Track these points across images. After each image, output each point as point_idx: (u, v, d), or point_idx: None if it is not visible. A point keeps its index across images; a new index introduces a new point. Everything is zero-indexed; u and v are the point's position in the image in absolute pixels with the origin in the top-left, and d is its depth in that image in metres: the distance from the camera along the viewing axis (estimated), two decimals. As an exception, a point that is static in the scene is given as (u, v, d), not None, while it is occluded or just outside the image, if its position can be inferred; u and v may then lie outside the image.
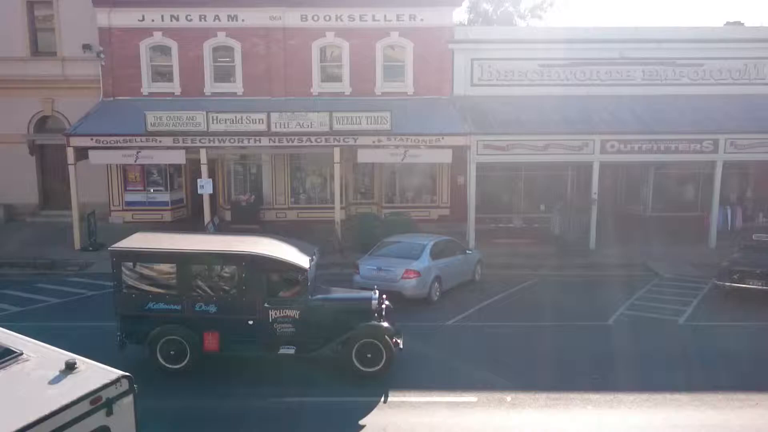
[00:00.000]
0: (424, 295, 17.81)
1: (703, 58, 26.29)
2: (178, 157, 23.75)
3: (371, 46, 26.53)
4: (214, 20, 26.33)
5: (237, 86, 26.81)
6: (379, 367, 12.85)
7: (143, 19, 26.36)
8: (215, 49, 26.75)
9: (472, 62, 26.40)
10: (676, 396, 12.24)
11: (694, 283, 20.14)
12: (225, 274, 13.15)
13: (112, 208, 27.47)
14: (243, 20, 26.34)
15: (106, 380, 6.22)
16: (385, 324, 13.18)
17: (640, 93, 25.99)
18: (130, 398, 6.37)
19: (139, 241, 13.82)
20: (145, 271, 13.13)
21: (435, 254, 18.58)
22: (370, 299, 13.42)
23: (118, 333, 13.21)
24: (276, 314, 12.91)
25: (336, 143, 23.20)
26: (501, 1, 45.54)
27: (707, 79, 26.36)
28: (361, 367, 12.88)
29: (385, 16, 26.34)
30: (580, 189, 26.42)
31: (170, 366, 12.95)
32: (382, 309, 13.51)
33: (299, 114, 23.11)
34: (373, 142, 23.18)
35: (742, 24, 28.61)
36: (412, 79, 26.74)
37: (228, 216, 27.07)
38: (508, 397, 12.14)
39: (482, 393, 12.24)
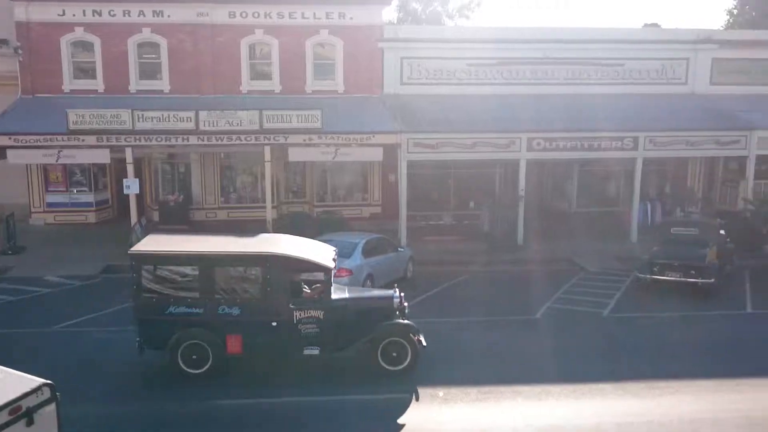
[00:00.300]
0: (357, 294, 17.83)
1: (623, 59, 27.22)
2: (103, 157, 23.06)
3: (301, 44, 26.39)
4: (138, 16, 25.67)
5: (164, 84, 26.23)
6: (404, 366, 12.91)
7: (63, 14, 25.46)
8: (140, 46, 26.10)
9: (402, 61, 26.60)
10: (601, 386, 12.66)
11: (618, 277, 20.85)
12: (249, 276, 12.90)
13: (33, 209, 26.49)
14: (169, 16, 25.77)
15: (26, 389, 6.03)
16: (410, 322, 13.30)
17: (564, 92, 26.72)
18: (52, 407, 6.20)
19: (156, 243, 13.40)
20: (166, 275, 12.75)
21: (367, 252, 18.66)
22: (392, 297, 13.47)
23: (137, 338, 12.83)
24: (301, 315, 12.75)
25: (266, 142, 22.98)
26: (430, 1, 46.02)
27: (627, 79, 27.31)
28: (387, 366, 12.90)
29: (314, 14, 26.24)
30: (508, 186, 26.98)
31: (192, 371, 12.63)
32: (403, 307, 13.51)
33: (228, 112, 22.78)
34: (304, 140, 23.07)
35: (659, 26, 29.74)
36: (343, 77, 26.74)
37: (156, 216, 26.47)
38: (441, 392, 12.30)
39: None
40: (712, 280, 18.54)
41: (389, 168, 25.76)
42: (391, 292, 13.73)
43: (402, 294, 13.72)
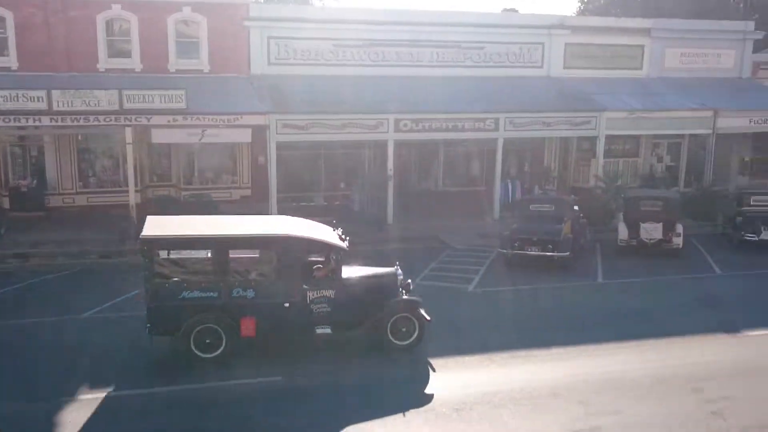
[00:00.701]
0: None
1: (484, 42, 28.14)
2: (-57, 139, 21.27)
3: (162, 21, 25.29)
4: (-21, -14, 23.69)
5: (11, 60, 24.35)
6: (412, 340, 13.36)
7: None
8: (-18, 19, 24.11)
9: (269, 40, 26.19)
10: (467, 358, 13.27)
11: (482, 253, 21.78)
12: (264, 258, 13.08)
13: None
14: (15, -13, 23.96)
15: None
16: (416, 297, 13.81)
17: (429, 74, 27.30)
18: None
19: (164, 227, 13.01)
20: (180, 259, 12.75)
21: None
22: (395, 274, 13.92)
23: (148, 324, 12.51)
24: (313, 295, 12.96)
25: (127, 122, 21.99)
26: (297, -21, 45.39)
27: (488, 62, 28.28)
28: (396, 341, 13.30)
29: (175, -11, 25.26)
30: (378, 166, 27.35)
31: (205, 355, 12.54)
32: (408, 284, 14.01)
33: (85, 92, 21.59)
34: (168, 121, 22.28)
35: (517, 11, 30.97)
36: (208, 56, 25.93)
37: (6, 203, 24.70)
38: (314, 375, 12.42)
39: (287, 372, 12.46)
40: (567, 253, 19.79)
41: (259, 149, 25.39)
42: (393, 269, 14.10)
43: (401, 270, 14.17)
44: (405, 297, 13.67)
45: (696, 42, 30.40)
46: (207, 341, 12.54)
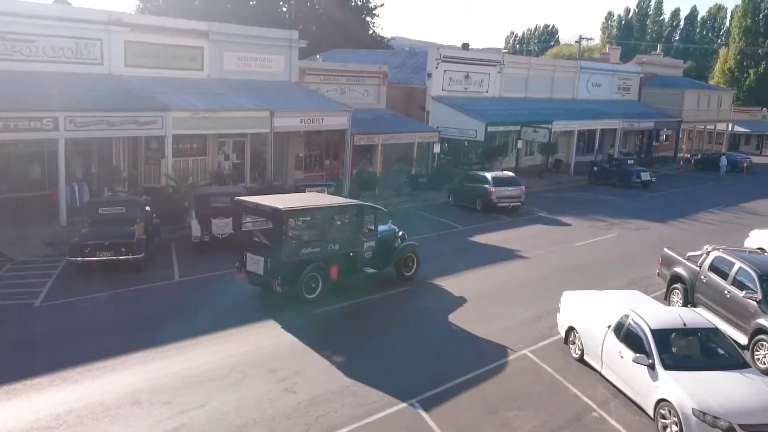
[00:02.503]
0: None
1: (35, 35, 25.78)
2: None
3: None
4: None
5: None
6: (413, 272, 19.44)
7: None
8: None
9: None
10: (37, 380, 12.28)
11: (49, 263, 20.14)
12: (345, 219, 17.88)
13: None
14: None
15: None
16: (415, 243, 19.71)
17: (-30, 67, 24.08)
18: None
19: (284, 201, 17.27)
20: (300, 224, 17.03)
21: None
22: (395, 229, 19.79)
23: (278, 277, 16.27)
24: (366, 245, 18.33)
25: None
26: None
27: (41, 56, 26.04)
28: (405, 273, 19.23)
29: None
30: None
31: (310, 296, 16.84)
32: (403, 234, 19.75)
33: None
34: None
35: (70, 4, 29.14)
36: None
37: None
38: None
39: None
40: (142, 254, 19.51)
41: None
42: (389, 225, 19.87)
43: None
44: (410, 242, 19.51)
45: (250, 47, 32.38)
46: (313, 285, 16.87)
